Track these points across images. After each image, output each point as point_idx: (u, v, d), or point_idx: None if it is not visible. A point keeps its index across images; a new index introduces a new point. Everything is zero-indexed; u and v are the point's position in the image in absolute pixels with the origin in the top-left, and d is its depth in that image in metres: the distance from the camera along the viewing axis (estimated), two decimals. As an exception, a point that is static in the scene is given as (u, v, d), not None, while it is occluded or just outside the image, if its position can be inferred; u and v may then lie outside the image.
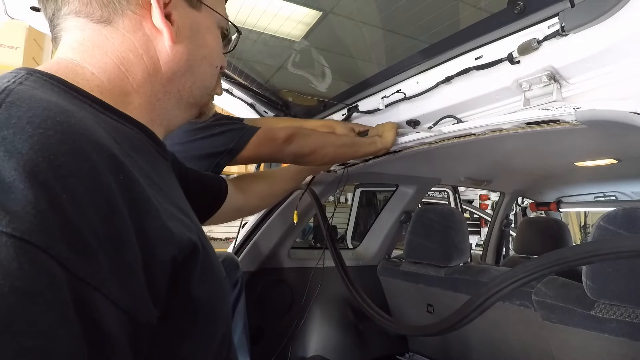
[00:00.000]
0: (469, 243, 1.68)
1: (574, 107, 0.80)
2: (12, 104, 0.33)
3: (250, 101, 1.54)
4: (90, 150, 0.34)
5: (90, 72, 0.46)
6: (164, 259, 0.37)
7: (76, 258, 0.29)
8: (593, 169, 1.69)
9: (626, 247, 0.66)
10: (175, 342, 0.42)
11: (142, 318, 0.35)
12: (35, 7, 0.87)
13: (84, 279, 0.30)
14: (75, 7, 0.47)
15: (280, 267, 1.75)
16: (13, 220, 0.27)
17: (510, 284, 0.83)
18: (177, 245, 0.40)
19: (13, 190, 0.28)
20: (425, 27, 1.10)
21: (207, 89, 0.58)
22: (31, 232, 0.27)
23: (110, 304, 0.31)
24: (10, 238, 0.26)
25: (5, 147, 0.29)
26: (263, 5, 1.15)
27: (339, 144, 1.19)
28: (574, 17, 0.72)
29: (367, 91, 1.27)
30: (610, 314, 1.04)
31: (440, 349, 1.79)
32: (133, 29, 0.48)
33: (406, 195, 1.99)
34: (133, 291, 0.34)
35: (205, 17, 0.55)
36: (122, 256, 0.33)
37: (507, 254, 2.95)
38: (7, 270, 0.26)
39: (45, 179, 0.29)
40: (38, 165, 0.29)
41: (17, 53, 1.99)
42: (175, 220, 0.42)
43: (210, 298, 0.46)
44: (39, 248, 0.27)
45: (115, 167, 0.36)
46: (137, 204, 0.37)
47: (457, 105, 1.04)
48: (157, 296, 0.37)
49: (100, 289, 0.31)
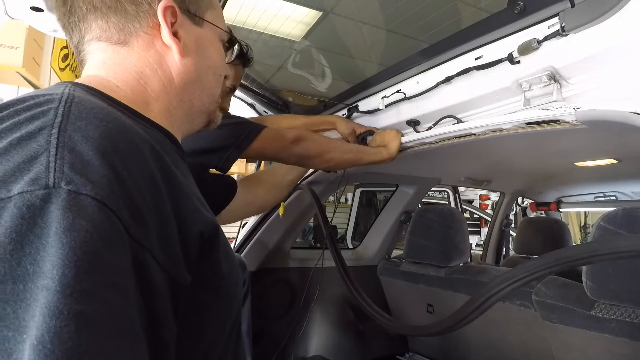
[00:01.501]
0: (469, 243, 1.68)
1: (574, 107, 0.80)
2: (79, 103, 0.42)
3: (250, 101, 1.54)
4: (139, 142, 0.43)
5: (115, 85, 0.54)
6: (194, 233, 0.45)
7: (134, 223, 0.37)
8: (593, 169, 1.69)
9: (626, 247, 0.66)
10: (201, 310, 0.48)
11: (180, 279, 0.42)
12: (35, 7, 0.87)
13: (139, 241, 0.37)
14: (96, 33, 0.54)
15: (280, 267, 1.75)
16: (94, 187, 0.35)
17: (510, 284, 0.83)
18: (204, 223, 0.47)
19: (91, 165, 0.36)
20: (425, 27, 1.10)
21: (214, 97, 0.65)
22: (107, 198, 0.35)
23: (157, 264, 0.39)
24: (93, 200, 0.34)
25: (82, 134, 0.38)
26: (263, 5, 1.15)
27: (344, 149, 1.20)
28: (574, 17, 0.72)
29: (367, 91, 1.27)
30: (610, 314, 1.04)
31: (440, 349, 1.79)
32: (146, 47, 0.56)
33: (406, 195, 1.99)
34: (172, 256, 0.41)
35: (207, 32, 0.61)
36: (164, 227, 0.41)
37: (507, 254, 2.95)
38: (94, 222, 0.34)
39: (112, 159, 0.38)
40: (107, 148, 0.38)
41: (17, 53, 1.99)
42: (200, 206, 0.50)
43: (228, 277, 0.52)
44: (112, 210, 0.35)
45: (156, 157, 0.44)
46: (174, 187, 0.45)
47: (457, 105, 1.04)
48: (189, 263, 0.44)
49: (150, 250, 0.38)
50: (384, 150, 1.25)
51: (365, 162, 1.26)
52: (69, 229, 0.32)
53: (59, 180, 0.34)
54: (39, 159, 0.35)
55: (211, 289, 0.49)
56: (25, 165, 0.35)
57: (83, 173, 0.35)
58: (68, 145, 0.36)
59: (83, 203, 0.34)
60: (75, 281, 0.31)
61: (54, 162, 0.35)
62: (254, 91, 1.50)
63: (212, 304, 0.49)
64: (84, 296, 0.31)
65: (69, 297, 0.30)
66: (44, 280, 0.31)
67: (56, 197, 0.33)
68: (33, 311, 0.30)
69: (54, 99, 0.41)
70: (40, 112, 0.40)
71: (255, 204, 1.24)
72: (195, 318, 0.47)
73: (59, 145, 0.36)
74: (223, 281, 0.51)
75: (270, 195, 1.30)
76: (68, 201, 0.33)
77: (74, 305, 0.30)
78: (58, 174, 0.34)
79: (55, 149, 0.36)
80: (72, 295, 0.31)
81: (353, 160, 1.22)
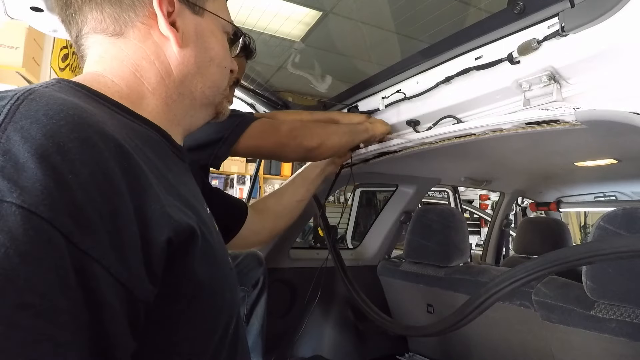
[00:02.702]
0: (469, 243, 1.68)
1: (574, 107, 0.80)
2: (33, 100, 0.38)
3: (250, 101, 1.54)
4: (97, 140, 0.38)
5: (110, 80, 0.52)
6: (160, 240, 0.41)
7: (78, 231, 0.33)
8: (593, 169, 1.69)
9: (626, 247, 0.66)
10: (172, 323, 0.44)
11: (139, 293, 0.38)
12: (35, 7, 0.87)
13: (85, 250, 0.33)
14: (92, 25, 0.53)
15: (280, 267, 1.75)
16: (22, 193, 0.31)
17: (510, 284, 0.83)
18: (174, 228, 0.43)
19: (25, 169, 0.32)
20: (425, 27, 1.11)
21: (219, 89, 0.62)
22: (37, 205, 0.32)
23: (109, 276, 0.35)
24: (18, 208, 0.31)
25: (22, 134, 0.34)
26: (263, 5, 1.15)
27: (340, 132, 1.16)
28: (574, 17, 0.72)
29: (367, 91, 1.27)
30: (610, 314, 1.04)
31: (440, 349, 1.79)
32: (143, 38, 0.53)
33: (406, 195, 1.99)
34: (130, 266, 0.37)
35: (208, 22, 0.59)
36: (121, 233, 0.37)
37: (507, 254, 2.95)
38: (14, 235, 0.30)
39: (54, 161, 0.34)
40: (48, 150, 0.34)
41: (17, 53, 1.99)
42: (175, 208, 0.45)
43: (210, 284, 0.48)
44: (43, 219, 0.31)
45: (121, 155, 0.40)
46: (139, 188, 0.40)
47: (457, 105, 1.04)
48: (153, 274, 0.40)
49: (100, 261, 0.34)
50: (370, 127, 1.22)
51: (358, 141, 1.24)
52: None
53: None
54: None
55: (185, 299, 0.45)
56: None
57: (12, 178, 0.32)
58: (3, 147, 0.33)
59: (4, 212, 0.30)
60: None
61: None
62: (254, 91, 1.50)
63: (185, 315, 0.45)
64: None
65: None
66: None
67: None
68: None
69: (5, 97, 0.38)
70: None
71: (264, 231, 1.17)
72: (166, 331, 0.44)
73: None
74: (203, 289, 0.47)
75: (279, 221, 1.22)
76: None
77: None
78: None
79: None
80: None
81: (348, 141, 1.19)
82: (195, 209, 0.50)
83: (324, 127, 1.15)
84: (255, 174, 2.46)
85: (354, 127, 1.22)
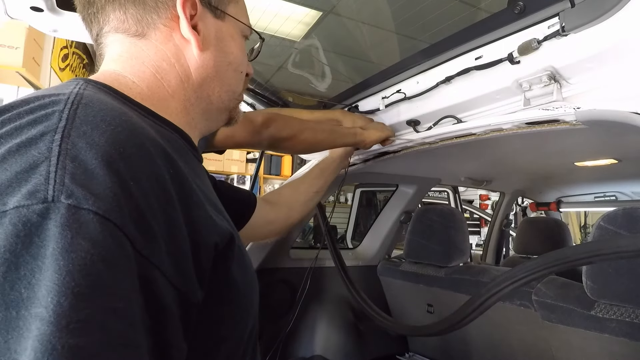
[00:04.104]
0: (469, 243, 1.68)
1: (574, 107, 0.80)
2: (87, 105, 0.38)
3: (251, 101, 1.54)
4: (150, 146, 0.40)
5: (131, 80, 0.51)
6: (208, 245, 0.42)
7: (142, 238, 0.34)
8: (593, 169, 1.69)
9: (626, 247, 0.66)
10: (215, 324, 0.46)
11: (192, 297, 0.39)
12: (35, 7, 0.87)
13: (147, 257, 0.34)
14: (114, 24, 0.53)
15: (280, 266, 1.75)
16: (97, 200, 0.32)
17: (510, 284, 0.83)
18: (219, 233, 0.44)
19: (95, 176, 0.33)
20: (425, 27, 1.10)
21: (234, 94, 0.62)
22: (111, 212, 0.32)
23: (166, 281, 0.36)
24: (95, 215, 0.31)
25: (86, 140, 0.35)
26: (263, 5, 1.15)
27: (318, 129, 1.16)
28: (574, 17, 0.72)
29: (367, 91, 1.27)
30: (611, 314, 1.04)
31: (440, 349, 1.79)
32: (164, 40, 0.53)
33: (406, 195, 1.99)
34: (184, 271, 0.38)
35: (229, 26, 0.59)
36: (175, 240, 0.38)
37: (507, 254, 2.95)
38: (96, 242, 0.31)
39: (117, 167, 0.35)
40: (112, 156, 0.35)
41: (17, 53, 1.99)
42: (215, 214, 0.47)
43: (243, 287, 0.50)
44: (117, 226, 0.32)
45: (168, 161, 0.41)
46: (186, 195, 0.42)
47: (457, 105, 1.04)
48: (203, 278, 0.41)
49: (159, 266, 0.35)
50: (359, 132, 1.20)
51: (340, 144, 1.22)
52: (67, 249, 0.29)
53: (59, 194, 0.31)
54: (38, 169, 0.32)
55: (226, 301, 0.47)
56: (23, 176, 0.32)
57: (85, 185, 0.32)
58: (71, 154, 0.33)
59: (84, 219, 0.31)
60: (71, 310, 0.28)
61: (55, 172, 0.32)
62: (254, 91, 1.50)
63: (227, 317, 0.47)
64: (81, 327, 0.28)
65: (63, 330, 0.27)
66: (37, 308, 0.28)
67: (55, 213, 0.30)
68: (25, 343, 0.27)
69: (59, 101, 0.38)
70: (43, 116, 0.36)
71: (278, 221, 1.14)
72: (210, 333, 0.45)
73: (60, 153, 0.33)
74: (239, 292, 0.49)
75: (293, 212, 1.19)
76: (67, 217, 0.30)
77: (69, 339, 0.27)
78: (58, 186, 0.31)
79: (56, 158, 0.33)
80: (67, 327, 0.28)
81: (326, 140, 1.18)
82: (224, 213, 0.52)
83: (301, 122, 1.15)
84: (255, 174, 2.45)
85: (338, 129, 1.21)
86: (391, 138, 1.27)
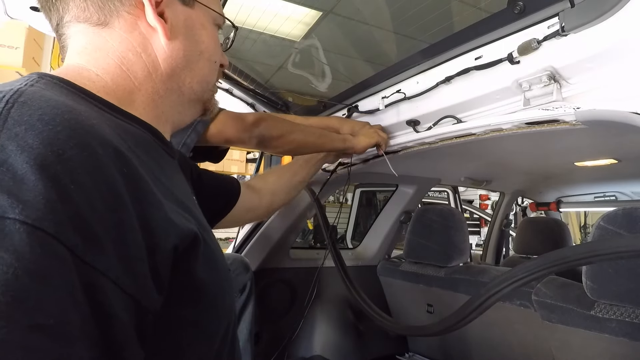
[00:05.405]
0: (469, 243, 1.68)
1: (574, 107, 0.80)
2: (24, 104, 0.35)
3: (250, 101, 1.54)
4: (96, 145, 0.36)
5: (95, 74, 0.48)
6: (166, 248, 0.39)
7: (84, 244, 0.32)
8: (593, 169, 1.69)
9: (626, 247, 0.66)
10: (179, 328, 0.43)
11: (147, 303, 0.37)
12: (35, 7, 0.87)
13: (91, 263, 0.32)
14: (74, 13, 0.49)
15: (280, 267, 1.75)
16: (25, 208, 0.29)
17: (510, 284, 0.83)
18: (179, 234, 0.42)
19: (25, 181, 0.30)
20: (425, 27, 1.10)
21: (208, 84, 0.59)
22: (42, 220, 0.30)
23: (117, 288, 0.34)
24: (22, 225, 0.29)
25: (17, 143, 0.32)
26: (263, 5, 1.15)
27: (308, 132, 1.17)
28: (574, 17, 0.72)
29: (367, 91, 1.27)
30: (610, 314, 1.04)
31: (440, 349, 1.79)
32: (129, 29, 0.50)
33: (406, 195, 1.99)
34: (137, 277, 0.36)
35: (199, 14, 0.56)
36: (127, 243, 0.35)
37: (507, 254, 2.95)
38: (21, 254, 0.28)
39: (54, 171, 0.32)
40: (47, 159, 0.32)
41: (17, 53, 2.00)
42: (176, 213, 0.44)
43: (211, 288, 0.47)
44: (49, 234, 0.30)
45: (120, 161, 0.38)
46: (141, 195, 0.39)
47: (457, 105, 1.04)
48: (160, 283, 0.38)
49: (107, 273, 0.33)
50: (349, 139, 1.22)
51: (329, 148, 1.23)
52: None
53: None
54: None
55: (190, 304, 0.44)
56: None
57: (12, 192, 0.29)
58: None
59: (8, 230, 0.28)
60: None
61: None
62: (254, 91, 1.50)
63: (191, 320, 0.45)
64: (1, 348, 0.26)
65: None
66: None
67: None
68: None
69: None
70: None
71: (260, 208, 1.15)
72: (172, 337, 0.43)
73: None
74: (207, 293, 0.46)
75: (276, 198, 1.21)
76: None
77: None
78: None
79: None
80: None
81: (315, 143, 1.19)
82: (192, 212, 0.49)
83: (291, 123, 1.17)
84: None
85: (328, 133, 1.22)
86: (383, 144, 1.27)
